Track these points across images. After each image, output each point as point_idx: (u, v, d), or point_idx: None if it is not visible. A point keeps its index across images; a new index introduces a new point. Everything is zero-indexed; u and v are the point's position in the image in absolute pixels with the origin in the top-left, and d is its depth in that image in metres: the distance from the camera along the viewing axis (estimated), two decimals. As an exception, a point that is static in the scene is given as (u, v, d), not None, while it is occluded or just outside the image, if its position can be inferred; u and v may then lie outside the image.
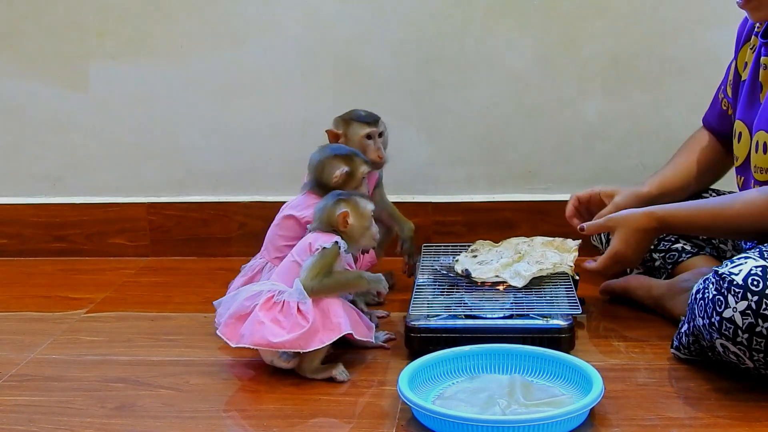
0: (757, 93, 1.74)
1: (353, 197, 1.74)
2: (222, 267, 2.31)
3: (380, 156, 1.99)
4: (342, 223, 1.70)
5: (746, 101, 1.77)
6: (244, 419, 1.56)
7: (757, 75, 1.74)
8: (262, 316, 1.62)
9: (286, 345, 1.60)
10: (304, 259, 1.68)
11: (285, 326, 1.61)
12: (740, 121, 1.79)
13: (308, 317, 1.61)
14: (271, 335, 1.61)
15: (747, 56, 1.80)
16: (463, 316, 1.72)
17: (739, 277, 1.46)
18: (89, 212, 2.46)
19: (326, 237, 1.70)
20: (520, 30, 2.28)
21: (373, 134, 1.99)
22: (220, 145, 2.41)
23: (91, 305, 2.11)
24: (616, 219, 1.76)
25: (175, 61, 2.37)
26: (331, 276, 1.66)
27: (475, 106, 2.33)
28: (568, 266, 1.86)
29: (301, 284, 1.64)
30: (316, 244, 1.68)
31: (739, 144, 1.79)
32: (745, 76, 1.79)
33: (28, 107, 2.44)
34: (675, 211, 1.73)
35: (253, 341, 1.62)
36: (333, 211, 1.71)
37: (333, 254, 1.67)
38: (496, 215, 2.33)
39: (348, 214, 1.71)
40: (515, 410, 1.46)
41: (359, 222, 1.72)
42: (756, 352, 1.47)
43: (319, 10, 2.31)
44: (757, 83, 1.74)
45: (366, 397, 1.60)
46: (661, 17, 2.24)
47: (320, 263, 1.66)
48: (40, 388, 1.68)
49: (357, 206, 1.73)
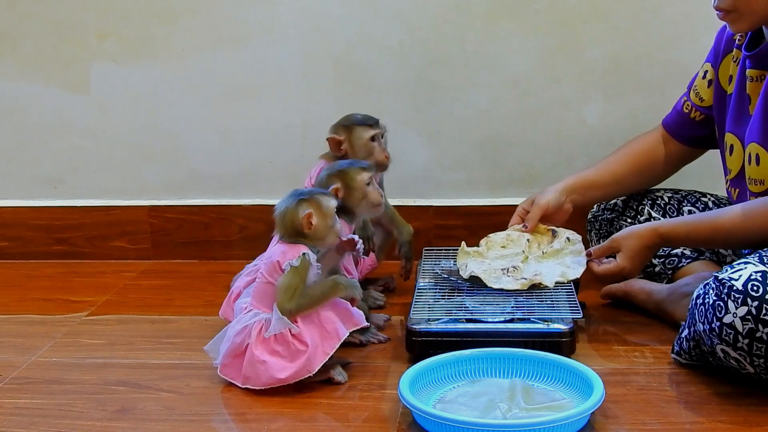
0: (746, 105, 1.75)
1: (315, 195, 1.67)
2: (223, 270, 2.31)
3: (387, 156, 2.00)
4: (306, 225, 1.64)
5: (735, 114, 1.78)
6: (245, 423, 1.56)
7: (744, 88, 1.75)
8: (260, 354, 1.60)
9: (295, 377, 1.60)
10: (276, 278, 1.63)
11: (286, 356, 1.60)
12: (731, 134, 1.80)
13: (305, 340, 1.60)
14: (277, 371, 1.59)
15: (730, 69, 1.82)
16: (464, 320, 1.72)
17: (739, 282, 1.46)
18: (90, 215, 2.46)
19: (292, 251, 1.63)
20: (521, 33, 2.28)
21: (377, 136, 1.99)
22: (221, 147, 2.41)
23: (92, 308, 2.11)
24: (620, 240, 1.78)
25: (176, 63, 2.37)
26: (306, 294, 1.62)
27: (476, 109, 2.33)
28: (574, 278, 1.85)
29: (279, 309, 1.61)
30: (284, 261, 1.63)
31: (732, 156, 1.80)
32: (731, 89, 1.80)
33: (29, 109, 2.44)
34: (677, 226, 1.76)
35: (261, 383, 1.61)
36: (296, 214, 1.64)
37: (303, 269, 1.62)
38: (497, 219, 2.32)
39: (312, 215, 1.64)
40: (516, 414, 1.46)
41: (323, 221, 1.65)
42: (756, 358, 1.47)
43: (320, 13, 2.31)
44: (745, 96, 1.75)
45: (367, 401, 1.59)
46: (662, 21, 2.24)
47: (293, 283, 1.61)
48: (40, 391, 1.68)
49: (320, 205, 1.66)
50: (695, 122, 1.94)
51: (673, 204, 2.04)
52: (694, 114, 1.93)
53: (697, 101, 1.92)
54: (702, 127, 1.93)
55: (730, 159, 1.80)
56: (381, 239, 2.08)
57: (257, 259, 1.92)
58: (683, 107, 1.95)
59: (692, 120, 1.94)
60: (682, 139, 1.98)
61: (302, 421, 1.53)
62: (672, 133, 1.99)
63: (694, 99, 1.93)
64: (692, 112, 1.93)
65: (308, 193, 1.69)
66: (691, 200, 2.04)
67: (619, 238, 1.79)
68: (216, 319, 1.89)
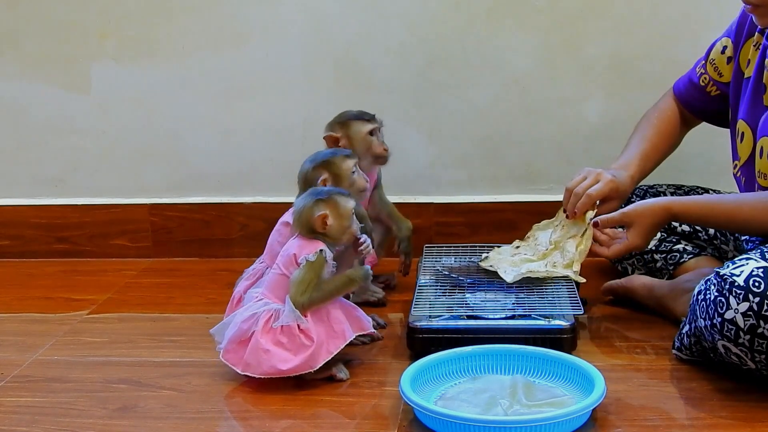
0: (761, 94, 1.73)
1: (333, 196, 1.67)
2: (224, 268, 2.31)
3: (385, 149, 2.00)
4: (321, 226, 1.65)
5: (750, 101, 1.77)
6: (246, 420, 1.57)
7: (761, 76, 1.74)
8: (265, 343, 1.60)
9: (297, 370, 1.59)
10: (291, 271, 1.63)
11: (290, 348, 1.60)
12: (743, 122, 1.78)
13: (312, 335, 1.60)
14: (279, 362, 1.59)
15: (750, 53, 1.79)
16: (465, 317, 1.72)
17: (741, 278, 1.46)
18: (91, 214, 2.46)
19: (310, 246, 1.64)
20: (522, 31, 2.28)
21: (374, 130, 1.99)
22: (222, 146, 2.41)
23: (93, 306, 2.11)
24: (632, 215, 1.76)
25: (176, 62, 2.37)
26: (320, 288, 1.62)
27: (477, 106, 2.33)
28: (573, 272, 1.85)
29: (291, 301, 1.61)
30: (300, 255, 1.63)
31: (742, 144, 1.79)
32: (749, 73, 1.79)
33: (29, 109, 2.44)
34: (691, 205, 1.76)
35: (261, 371, 1.60)
36: (311, 213, 1.65)
37: (319, 265, 1.63)
38: (498, 216, 2.33)
39: (327, 216, 1.64)
40: (517, 411, 1.46)
41: (339, 222, 1.66)
42: (758, 354, 1.47)
43: (321, 11, 2.31)
44: (761, 85, 1.74)
45: (368, 398, 1.60)
46: (662, 18, 2.24)
47: (308, 277, 1.61)
48: (42, 389, 1.68)
49: (337, 206, 1.66)
50: (710, 97, 1.91)
51: (675, 200, 2.04)
52: (710, 88, 1.89)
53: (716, 76, 1.88)
54: (715, 102, 1.90)
55: (740, 146, 1.79)
56: (380, 236, 2.08)
57: (257, 261, 1.92)
58: (700, 80, 1.91)
59: (707, 94, 1.91)
60: (691, 110, 1.95)
61: (304, 419, 1.53)
62: (683, 102, 1.96)
63: (712, 73, 1.88)
64: (709, 86, 1.89)
65: (326, 192, 1.68)
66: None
67: (632, 214, 1.76)
68: (217, 317, 1.89)
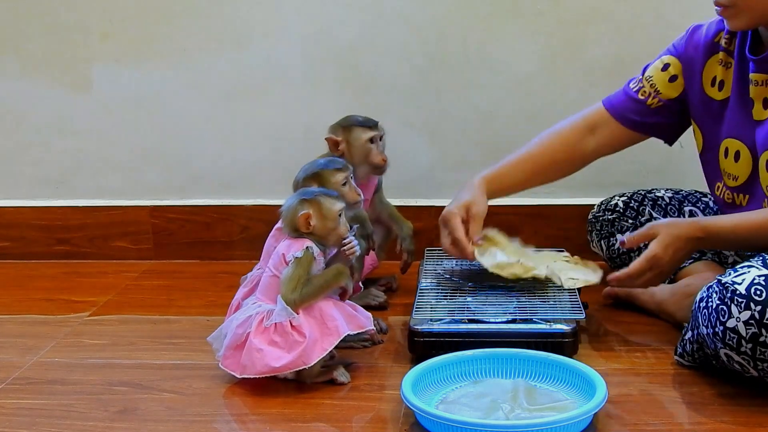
0: (749, 109, 1.72)
1: (318, 197, 1.67)
2: (225, 270, 2.31)
3: (384, 159, 2.00)
4: (304, 225, 1.65)
5: (737, 119, 1.75)
6: (247, 423, 1.56)
7: (746, 92, 1.72)
8: (258, 343, 1.60)
9: (290, 366, 1.59)
10: (282, 271, 1.64)
11: (283, 346, 1.60)
12: (733, 140, 1.76)
13: (304, 332, 1.60)
14: (272, 360, 1.59)
15: (718, 72, 1.78)
16: (467, 321, 1.72)
17: (742, 286, 1.46)
18: (92, 215, 2.46)
19: (297, 244, 1.64)
20: (524, 34, 2.28)
21: (375, 138, 1.99)
22: (224, 148, 2.41)
23: (94, 308, 2.11)
24: (658, 226, 1.71)
25: (178, 64, 2.37)
26: (310, 284, 1.62)
27: (478, 110, 2.33)
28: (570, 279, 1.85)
29: (283, 299, 1.61)
30: (288, 254, 1.64)
31: (738, 163, 1.76)
32: (723, 95, 1.77)
33: (31, 110, 2.44)
34: (719, 222, 1.70)
35: (256, 371, 1.60)
36: (296, 213, 1.65)
37: (307, 261, 1.63)
38: (499, 219, 2.32)
39: (310, 216, 1.64)
40: (519, 415, 1.46)
41: (322, 223, 1.66)
42: (760, 362, 1.46)
43: (322, 14, 2.31)
44: (748, 100, 1.72)
45: (369, 402, 1.59)
46: (664, 21, 2.24)
47: (297, 274, 1.61)
48: (42, 391, 1.68)
49: (320, 206, 1.66)
50: (650, 109, 1.88)
51: (674, 204, 2.04)
52: (652, 101, 1.87)
53: (652, 92, 1.86)
54: (656, 114, 1.88)
55: (736, 165, 1.76)
56: (381, 237, 2.08)
57: (255, 268, 1.91)
58: (638, 93, 1.88)
59: (647, 107, 1.88)
60: (627, 123, 1.90)
61: (305, 422, 1.53)
62: (617, 117, 1.91)
63: (649, 89, 1.87)
64: (650, 99, 1.87)
65: (311, 193, 1.68)
66: (692, 200, 2.04)
67: (657, 225, 1.71)
68: (217, 319, 1.88)
